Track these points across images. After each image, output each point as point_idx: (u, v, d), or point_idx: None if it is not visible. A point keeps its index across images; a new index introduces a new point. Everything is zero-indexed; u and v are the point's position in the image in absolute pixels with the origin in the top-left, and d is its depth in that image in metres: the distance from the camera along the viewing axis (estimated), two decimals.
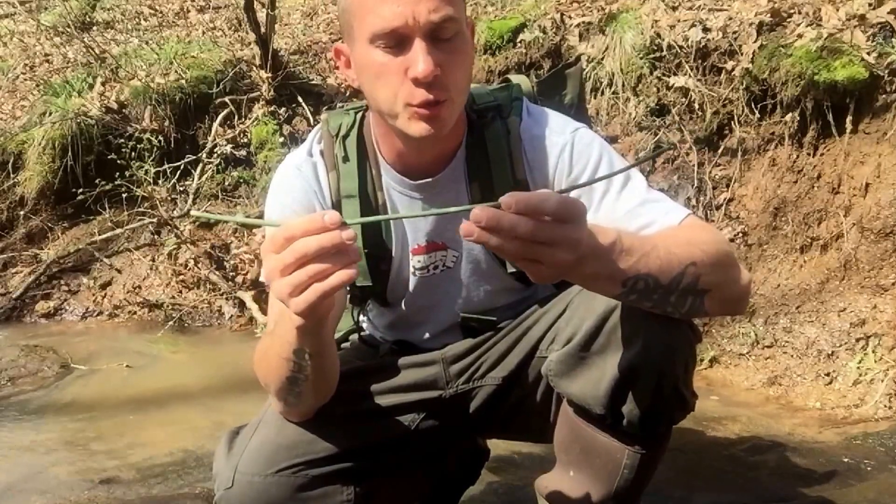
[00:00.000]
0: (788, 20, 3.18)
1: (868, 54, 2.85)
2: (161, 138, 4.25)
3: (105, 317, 4.02)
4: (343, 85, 4.40)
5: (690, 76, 3.32)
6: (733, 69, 3.21)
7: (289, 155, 1.39)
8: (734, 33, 3.25)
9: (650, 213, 1.19)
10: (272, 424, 1.28)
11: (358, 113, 1.35)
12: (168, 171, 4.25)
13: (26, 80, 5.32)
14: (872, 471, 2.04)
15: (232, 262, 3.96)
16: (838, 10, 3.01)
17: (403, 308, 1.42)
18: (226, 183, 4.29)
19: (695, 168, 3.28)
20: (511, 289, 1.40)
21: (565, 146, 1.27)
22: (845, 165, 2.90)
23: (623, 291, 1.01)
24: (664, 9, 3.51)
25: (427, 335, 1.44)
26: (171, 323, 3.77)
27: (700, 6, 3.49)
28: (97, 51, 4.95)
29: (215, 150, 4.32)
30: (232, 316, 3.82)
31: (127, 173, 4.05)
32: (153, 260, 4.14)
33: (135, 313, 3.98)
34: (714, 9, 3.44)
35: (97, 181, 4.10)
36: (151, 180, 4.08)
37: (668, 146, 3.34)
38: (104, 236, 4.22)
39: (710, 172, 3.27)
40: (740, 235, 3.09)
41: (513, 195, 0.88)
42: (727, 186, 3.22)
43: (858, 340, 2.60)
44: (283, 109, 4.41)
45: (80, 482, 2.15)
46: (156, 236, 4.20)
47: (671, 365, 1.17)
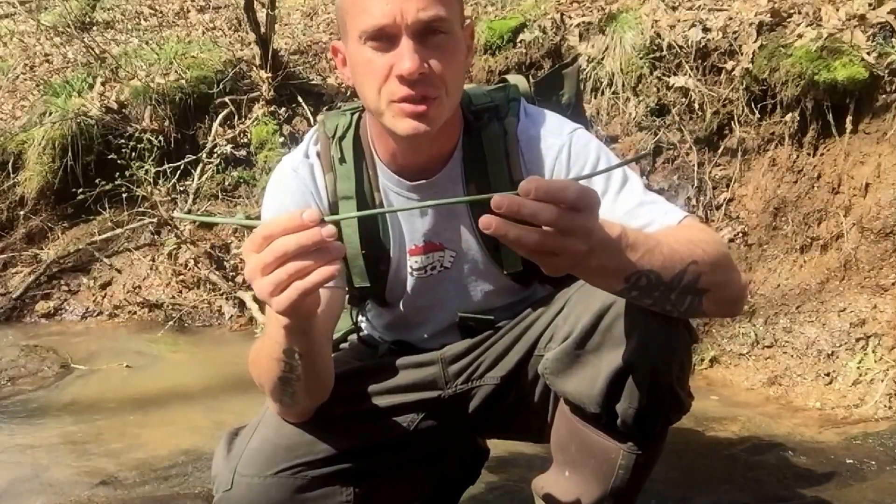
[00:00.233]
0: (788, 20, 3.18)
1: (868, 54, 2.85)
2: (161, 138, 4.25)
3: (105, 317, 4.01)
4: (343, 85, 4.40)
5: (690, 76, 3.32)
6: (733, 69, 3.21)
7: (285, 157, 1.39)
8: (734, 33, 3.25)
9: (649, 214, 1.19)
10: (271, 425, 1.28)
11: (354, 114, 1.35)
12: (168, 171, 4.25)
13: (26, 80, 5.31)
14: (872, 471, 2.03)
15: (232, 262, 3.96)
16: (838, 10, 3.01)
17: (402, 308, 1.41)
18: (226, 183, 4.28)
19: (695, 168, 3.28)
20: (509, 289, 1.39)
21: (562, 147, 1.27)
22: (845, 165, 2.90)
23: (625, 287, 1.01)
24: (664, 9, 3.51)
25: (425, 335, 1.44)
26: (171, 323, 3.77)
27: (700, 6, 3.49)
28: (97, 51, 4.95)
29: (215, 150, 4.31)
30: (232, 316, 3.82)
31: (127, 173, 4.05)
32: (153, 260, 4.14)
33: (135, 313, 3.98)
34: (714, 9, 3.43)
35: (97, 181, 4.10)
36: (151, 180, 4.07)
37: (668, 146, 3.34)
38: (104, 236, 4.22)
39: (710, 172, 3.26)
40: (740, 235, 3.08)
41: (532, 181, 0.85)
42: (727, 186, 3.22)
43: (858, 340, 2.60)
44: (283, 109, 4.41)
45: (80, 482, 2.14)
46: (156, 236, 4.20)
47: (666, 364, 1.17)
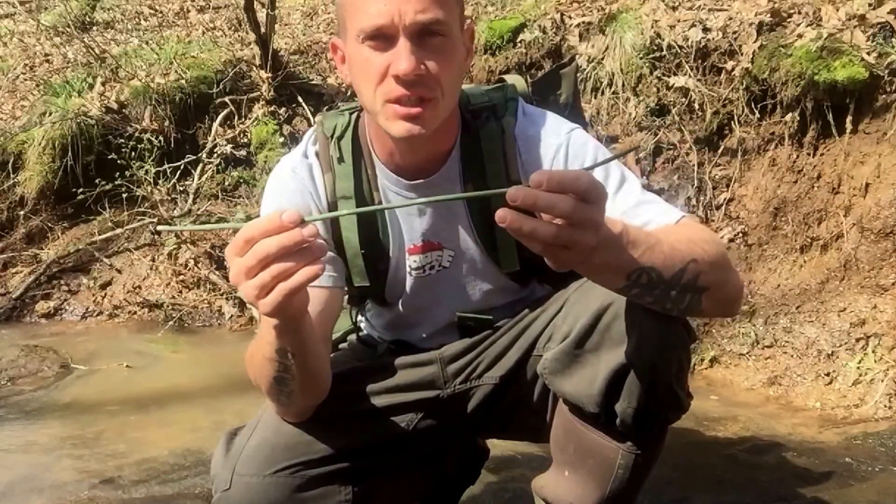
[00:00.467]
0: (788, 20, 3.18)
1: (868, 54, 2.85)
2: (161, 138, 4.25)
3: (105, 317, 4.01)
4: (343, 84, 4.40)
5: (690, 76, 3.32)
6: (733, 69, 3.21)
7: (284, 157, 1.39)
8: (734, 33, 3.25)
9: (647, 213, 1.19)
10: (270, 425, 1.27)
11: (353, 114, 1.35)
12: (168, 171, 4.25)
13: (26, 80, 5.31)
14: (872, 471, 2.04)
15: None
16: (838, 10, 3.01)
17: (401, 308, 1.41)
18: (226, 183, 4.28)
19: (695, 168, 3.28)
20: (507, 289, 1.39)
21: (560, 147, 1.27)
22: (845, 165, 2.90)
23: (627, 284, 1.01)
24: (664, 9, 3.51)
25: (424, 335, 1.44)
26: (171, 323, 3.77)
27: (700, 6, 3.49)
28: (97, 51, 4.95)
29: (215, 150, 4.32)
30: (232, 316, 3.82)
31: (127, 173, 4.05)
32: (153, 260, 4.14)
33: (135, 313, 3.98)
34: (714, 9, 3.43)
35: (97, 181, 4.10)
36: (151, 180, 4.08)
37: (668, 146, 3.34)
38: (104, 236, 4.22)
39: (710, 172, 3.26)
40: (740, 235, 3.08)
41: (543, 173, 0.85)
42: (727, 186, 3.21)
43: (858, 340, 2.59)
44: (283, 109, 4.41)
45: (80, 482, 2.14)
46: (156, 236, 4.20)
47: (665, 363, 1.17)
